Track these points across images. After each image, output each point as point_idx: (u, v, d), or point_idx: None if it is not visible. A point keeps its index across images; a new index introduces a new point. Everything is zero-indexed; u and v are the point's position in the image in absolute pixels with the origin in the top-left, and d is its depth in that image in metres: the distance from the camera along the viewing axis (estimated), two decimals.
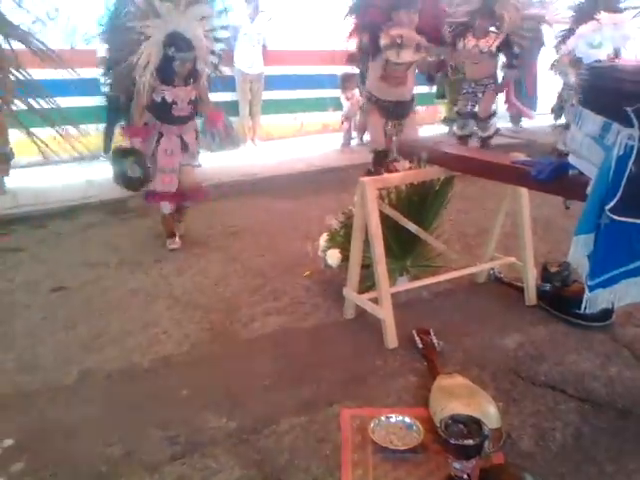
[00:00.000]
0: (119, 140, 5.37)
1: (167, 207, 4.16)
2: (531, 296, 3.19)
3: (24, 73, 3.21)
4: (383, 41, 4.06)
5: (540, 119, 8.20)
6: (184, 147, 4.06)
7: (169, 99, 3.88)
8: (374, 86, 4.44)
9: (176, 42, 3.75)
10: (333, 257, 3.27)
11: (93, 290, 3.52)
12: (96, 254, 4.07)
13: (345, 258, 3.13)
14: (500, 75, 6.32)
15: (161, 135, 3.98)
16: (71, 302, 3.36)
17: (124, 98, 4.11)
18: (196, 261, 3.94)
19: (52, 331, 3.02)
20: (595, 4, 5.34)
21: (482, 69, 5.98)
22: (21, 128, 3.19)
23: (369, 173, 4.38)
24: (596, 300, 2.01)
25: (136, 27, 3.71)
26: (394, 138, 4.46)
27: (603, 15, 2.45)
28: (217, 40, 4.19)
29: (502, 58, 6.05)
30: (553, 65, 5.52)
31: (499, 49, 5.82)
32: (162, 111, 3.92)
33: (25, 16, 5.41)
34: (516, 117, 8.21)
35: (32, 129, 3.13)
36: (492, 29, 5.73)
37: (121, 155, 3.95)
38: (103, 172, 5.48)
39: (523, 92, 7.99)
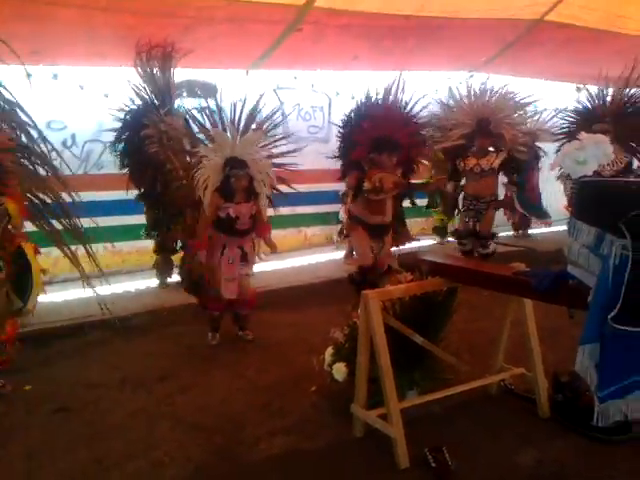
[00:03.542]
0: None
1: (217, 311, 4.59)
2: (544, 408, 3.11)
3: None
4: (365, 185, 4.52)
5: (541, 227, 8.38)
6: (244, 257, 4.42)
7: (233, 215, 4.24)
8: (359, 212, 4.81)
9: (232, 162, 4.21)
10: (339, 371, 3.23)
11: (95, 411, 3.43)
12: (98, 373, 4.00)
13: (352, 372, 3.08)
14: (501, 191, 6.51)
15: (224, 247, 4.35)
16: (72, 424, 3.26)
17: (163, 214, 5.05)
18: (201, 378, 3.87)
19: (52, 455, 2.91)
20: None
21: (485, 187, 6.07)
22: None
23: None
24: (608, 412, 1.95)
25: (198, 151, 4.29)
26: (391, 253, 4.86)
27: (584, 135, 2.60)
28: (273, 159, 4.58)
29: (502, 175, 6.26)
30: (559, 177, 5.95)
31: (501, 166, 5.99)
32: (227, 226, 4.29)
33: (44, 146, 5.76)
34: (518, 225, 8.37)
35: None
36: (490, 148, 6.01)
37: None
38: (106, 289, 5.53)
39: (524, 202, 8.14)
